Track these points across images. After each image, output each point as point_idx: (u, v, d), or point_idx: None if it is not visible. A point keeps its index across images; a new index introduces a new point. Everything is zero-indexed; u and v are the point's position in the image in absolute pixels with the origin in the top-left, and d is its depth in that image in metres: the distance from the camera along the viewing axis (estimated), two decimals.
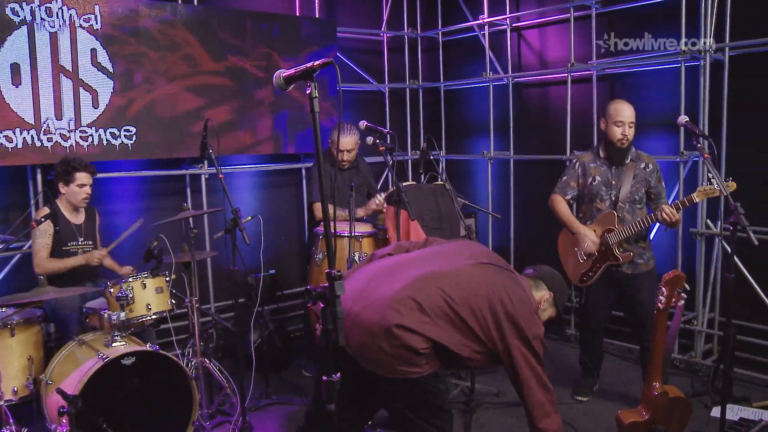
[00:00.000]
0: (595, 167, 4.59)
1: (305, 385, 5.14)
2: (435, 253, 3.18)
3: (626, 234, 4.41)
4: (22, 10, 4.73)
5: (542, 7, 6.38)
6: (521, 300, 2.89)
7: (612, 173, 4.53)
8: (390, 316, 2.72)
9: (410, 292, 2.79)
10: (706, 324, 5.28)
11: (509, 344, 2.81)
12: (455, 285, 2.85)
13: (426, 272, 2.91)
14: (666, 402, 3.24)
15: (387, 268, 3.04)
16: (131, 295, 4.14)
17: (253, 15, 5.90)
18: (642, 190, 4.49)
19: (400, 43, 7.32)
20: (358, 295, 2.85)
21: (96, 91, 5.12)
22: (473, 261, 3.03)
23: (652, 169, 4.50)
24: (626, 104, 4.43)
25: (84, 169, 4.54)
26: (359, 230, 4.79)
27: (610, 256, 4.48)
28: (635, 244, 4.51)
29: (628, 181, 4.47)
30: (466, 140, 7.31)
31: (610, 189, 4.52)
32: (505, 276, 3.01)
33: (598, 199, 4.56)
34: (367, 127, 4.56)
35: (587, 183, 4.60)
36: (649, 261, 4.56)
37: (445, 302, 2.79)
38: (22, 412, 4.22)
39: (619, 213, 4.46)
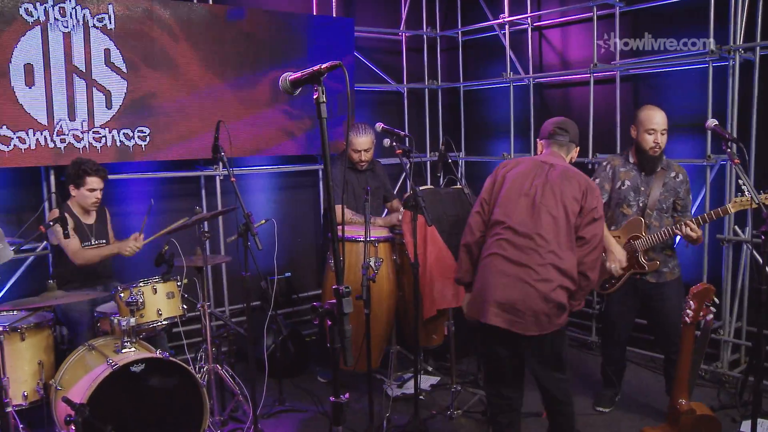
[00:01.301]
0: (625, 171, 4.44)
1: (320, 391, 5.06)
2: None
3: (653, 242, 4.28)
4: (35, 10, 4.69)
5: (564, 5, 6.24)
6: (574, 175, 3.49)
7: (641, 179, 4.39)
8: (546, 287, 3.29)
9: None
10: (733, 333, 5.12)
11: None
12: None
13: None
14: (693, 420, 3.11)
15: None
16: (141, 300, 4.08)
17: (270, 14, 5.82)
18: (670, 199, 4.36)
19: (419, 43, 7.21)
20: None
21: (109, 91, 5.06)
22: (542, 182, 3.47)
23: (682, 180, 4.37)
24: (658, 111, 4.28)
25: (95, 173, 4.49)
26: (375, 234, 4.70)
27: (636, 264, 4.34)
28: (661, 252, 4.37)
29: (658, 188, 4.33)
30: (486, 141, 7.19)
31: (639, 195, 4.38)
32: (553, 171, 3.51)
33: (625, 204, 4.42)
34: (384, 129, 4.45)
35: (615, 187, 4.46)
36: (674, 269, 4.42)
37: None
38: (32, 417, 4.18)
39: (646, 220, 4.33)
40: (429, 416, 4.53)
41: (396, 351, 5.18)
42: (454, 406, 4.58)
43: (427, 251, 4.57)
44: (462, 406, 4.64)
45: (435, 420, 4.52)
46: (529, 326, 3.31)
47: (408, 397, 4.78)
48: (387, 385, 4.93)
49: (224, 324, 4.96)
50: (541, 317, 3.30)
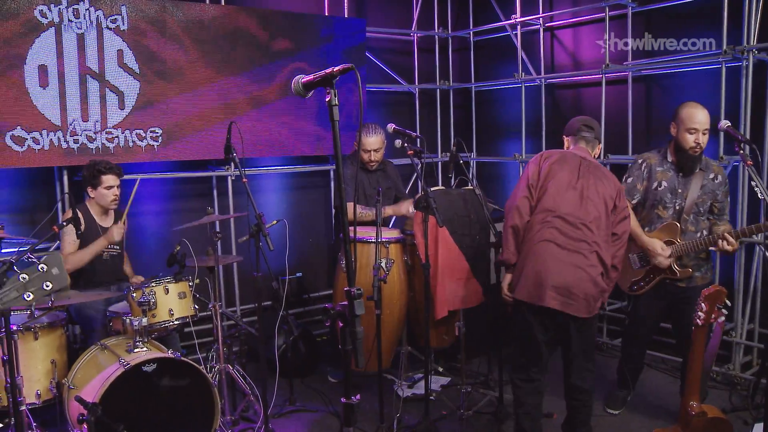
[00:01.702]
0: (662, 171, 4.28)
1: (330, 391, 5.07)
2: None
3: (687, 250, 4.17)
4: (50, 12, 4.72)
5: (576, 6, 6.22)
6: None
7: (679, 180, 4.24)
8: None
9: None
10: (745, 335, 5.09)
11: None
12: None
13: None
14: (704, 423, 3.10)
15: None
16: (153, 300, 4.10)
17: (283, 14, 5.83)
18: (708, 202, 4.22)
19: (431, 44, 7.21)
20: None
21: (122, 92, 5.10)
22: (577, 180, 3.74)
23: (721, 182, 4.21)
24: (700, 108, 4.09)
25: (110, 171, 4.52)
26: (386, 236, 4.70)
27: (667, 269, 4.25)
28: (695, 258, 4.25)
29: (695, 191, 4.18)
30: (498, 142, 7.18)
31: (676, 197, 4.24)
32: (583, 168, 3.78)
33: (661, 206, 4.28)
34: (396, 130, 4.46)
35: (651, 187, 4.30)
36: (706, 274, 4.30)
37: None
38: (46, 416, 4.22)
39: (682, 225, 4.21)
40: (439, 417, 4.53)
41: (407, 351, 5.18)
42: (464, 406, 4.57)
43: (438, 252, 4.57)
44: (472, 406, 4.64)
45: (445, 420, 4.52)
46: (581, 308, 3.58)
47: (418, 397, 4.78)
48: (397, 385, 4.94)
49: (235, 324, 4.99)
50: (590, 300, 3.60)
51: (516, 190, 3.86)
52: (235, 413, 4.49)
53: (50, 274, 2.30)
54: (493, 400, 4.70)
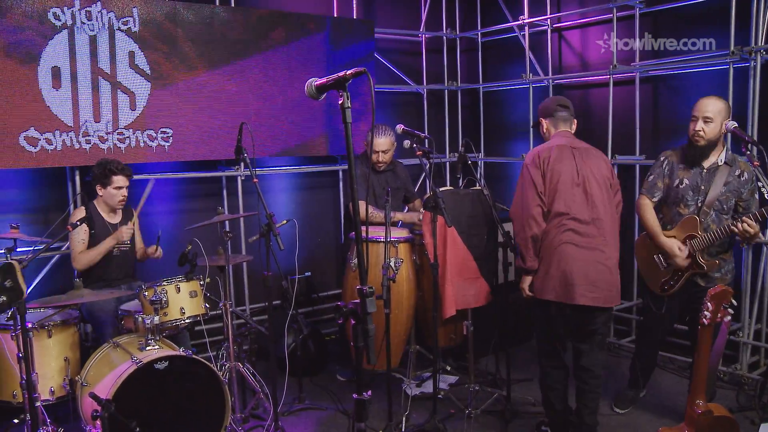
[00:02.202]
0: (684, 168, 4.23)
1: (339, 389, 5.11)
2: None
3: (710, 241, 4.08)
4: (63, 14, 4.78)
5: (584, 7, 6.24)
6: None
7: (702, 177, 4.15)
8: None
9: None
10: (753, 336, 5.10)
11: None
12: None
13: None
14: (710, 421, 3.12)
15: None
16: (165, 299, 4.14)
17: (292, 16, 5.88)
18: (732, 200, 4.11)
19: (439, 44, 7.24)
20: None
21: (133, 93, 5.15)
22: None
23: (746, 179, 4.08)
24: (709, 98, 4.09)
25: (121, 172, 4.57)
26: (395, 235, 4.74)
27: (694, 264, 4.18)
28: (717, 256, 4.21)
29: (718, 187, 4.09)
30: (505, 142, 7.21)
31: (698, 194, 4.17)
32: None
33: (683, 203, 4.23)
34: (404, 130, 4.50)
35: (672, 184, 4.27)
36: (726, 275, 4.23)
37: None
38: (59, 412, 4.28)
39: (702, 218, 4.13)
40: (447, 415, 4.57)
41: (415, 350, 5.22)
42: (472, 405, 4.61)
43: (446, 252, 4.60)
44: (480, 405, 4.67)
45: (453, 419, 4.55)
46: (607, 299, 3.84)
47: (427, 396, 4.81)
48: (406, 384, 4.97)
49: (245, 323, 5.03)
50: (613, 290, 3.86)
51: (524, 198, 3.95)
52: (245, 411, 4.53)
53: (2, 287, 2.03)
54: (500, 398, 4.73)
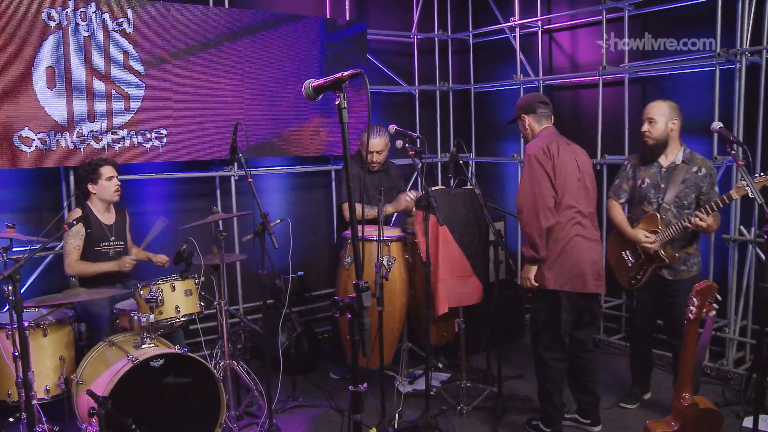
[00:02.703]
0: (645, 169, 4.47)
1: (332, 387, 5.16)
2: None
3: (670, 235, 4.30)
4: (57, 14, 4.81)
5: (574, 9, 6.32)
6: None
7: (661, 176, 4.40)
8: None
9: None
10: (738, 332, 5.18)
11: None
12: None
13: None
14: (696, 413, 3.19)
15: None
16: (161, 298, 4.18)
17: (285, 17, 5.92)
18: (692, 195, 4.33)
19: (431, 45, 7.30)
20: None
21: (128, 93, 5.19)
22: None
23: (705, 174, 4.32)
24: (655, 101, 4.42)
25: (105, 162, 4.64)
26: (388, 234, 4.79)
27: (657, 258, 4.39)
28: (681, 250, 4.39)
29: (676, 184, 4.33)
30: (496, 143, 7.27)
31: (659, 192, 4.40)
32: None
33: (646, 201, 4.45)
34: (397, 131, 4.56)
35: (636, 184, 4.50)
36: (692, 268, 4.42)
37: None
38: (54, 411, 4.30)
39: (663, 215, 4.34)
40: (439, 412, 4.63)
41: (407, 348, 5.27)
42: (464, 401, 4.68)
43: (438, 250, 4.65)
44: (472, 401, 4.73)
45: (445, 415, 4.61)
46: (604, 286, 4.16)
47: (419, 393, 4.87)
48: (398, 381, 5.03)
49: (239, 321, 5.07)
50: (604, 278, 4.15)
51: (538, 189, 3.98)
52: (240, 408, 4.58)
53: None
54: (492, 394, 4.79)
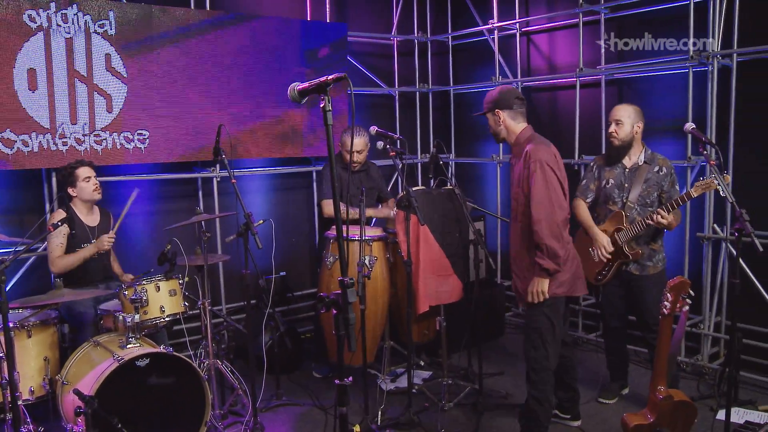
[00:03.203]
0: (609, 170, 4.63)
1: (315, 386, 5.21)
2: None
3: (634, 232, 4.45)
4: (38, 16, 4.82)
5: (551, 11, 6.43)
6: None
7: (625, 176, 4.56)
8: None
9: None
10: (713, 328, 5.31)
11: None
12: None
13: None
14: (671, 405, 3.29)
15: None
16: (145, 298, 4.21)
17: (266, 19, 5.97)
18: (654, 193, 4.50)
19: (411, 47, 7.38)
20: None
21: (110, 95, 5.21)
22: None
23: (665, 173, 4.49)
24: (621, 105, 4.55)
25: (81, 164, 4.67)
26: (370, 234, 4.86)
27: (621, 254, 4.52)
28: (646, 246, 4.54)
29: (639, 183, 4.49)
30: (476, 143, 7.36)
31: (622, 192, 4.56)
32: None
33: (611, 201, 4.60)
34: (378, 132, 4.63)
35: (601, 185, 4.65)
36: (657, 264, 4.57)
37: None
38: (37, 412, 4.31)
39: (627, 213, 4.50)
40: (422, 409, 4.69)
41: (389, 346, 5.34)
42: (446, 398, 4.75)
43: (419, 249, 4.73)
44: (453, 398, 4.81)
45: (427, 412, 4.67)
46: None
47: (401, 390, 4.94)
48: (381, 379, 5.09)
49: (223, 321, 5.10)
50: None
51: (556, 199, 3.66)
52: (224, 407, 4.61)
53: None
54: (473, 391, 4.87)
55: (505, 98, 3.89)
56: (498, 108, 3.90)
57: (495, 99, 3.91)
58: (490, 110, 3.92)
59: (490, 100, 3.92)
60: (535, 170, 3.66)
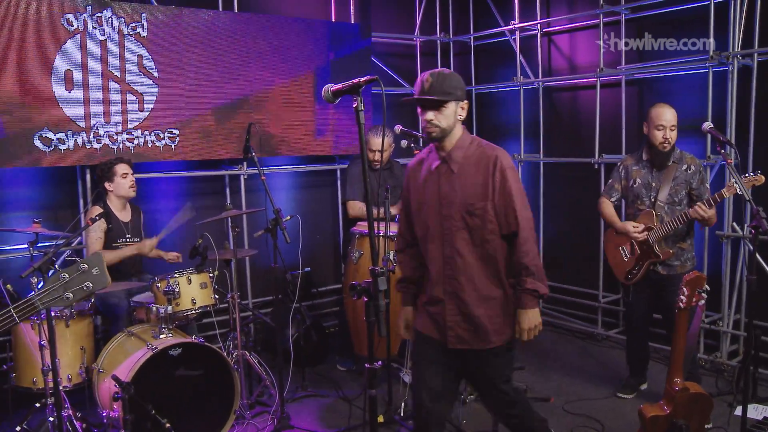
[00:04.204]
0: (637, 170, 4.66)
1: (340, 378, 5.33)
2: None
3: (665, 231, 4.48)
4: (75, 20, 5.00)
5: (572, 12, 6.50)
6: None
7: (653, 175, 4.58)
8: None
9: None
10: (732, 325, 5.36)
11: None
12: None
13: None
14: (687, 397, 3.37)
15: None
16: (178, 290, 4.37)
17: (293, 21, 6.11)
18: (683, 191, 4.52)
19: (433, 48, 7.48)
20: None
21: (142, 94, 5.37)
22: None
23: (694, 171, 4.51)
24: (667, 108, 4.48)
25: (119, 161, 4.82)
26: (394, 230, 4.96)
27: (651, 253, 4.57)
28: (674, 245, 4.56)
29: (668, 183, 4.52)
30: (497, 142, 7.18)
31: (650, 191, 4.59)
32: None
33: (639, 201, 4.64)
34: (402, 131, 4.75)
35: (629, 185, 4.69)
36: (686, 263, 4.59)
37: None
38: (73, 399, 4.47)
39: (657, 212, 4.52)
40: None
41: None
42: (466, 391, 4.84)
43: None
44: (474, 391, 4.90)
45: None
46: None
47: None
48: (404, 372, 5.20)
49: (251, 314, 5.25)
50: None
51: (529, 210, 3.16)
52: (252, 397, 4.76)
53: (90, 274, 2.26)
54: None
55: (464, 89, 3.11)
56: (459, 99, 3.06)
57: (461, 87, 3.08)
58: (459, 99, 3.05)
59: (459, 87, 3.05)
60: (512, 180, 3.06)
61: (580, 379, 5.20)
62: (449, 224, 3.03)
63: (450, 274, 3.05)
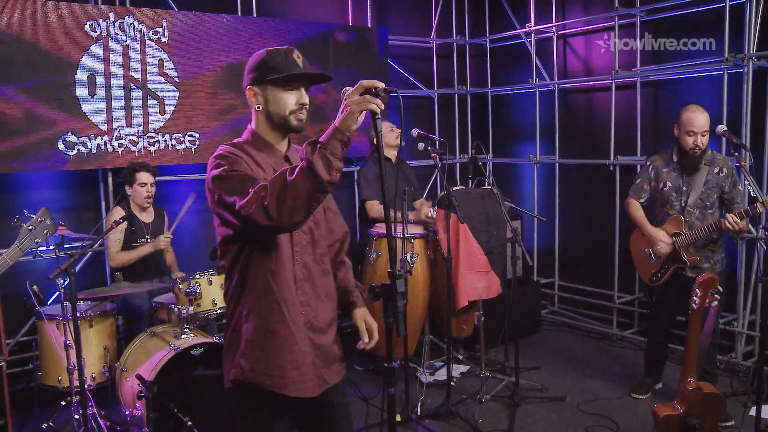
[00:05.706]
0: (667, 172, 4.59)
1: (357, 378, 5.39)
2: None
3: (693, 238, 4.43)
4: (98, 26, 5.11)
5: (588, 15, 6.53)
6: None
7: (683, 179, 4.51)
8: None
9: None
10: (747, 326, 5.37)
11: None
12: None
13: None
14: (700, 397, 3.41)
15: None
16: (199, 291, 4.44)
17: (312, 25, 6.19)
18: (714, 195, 4.45)
19: (449, 50, 7.54)
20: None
21: (162, 99, 5.47)
22: None
23: (726, 174, 4.43)
24: (699, 112, 4.35)
25: (144, 168, 4.90)
26: (411, 232, 5.04)
27: (678, 259, 4.53)
28: (704, 248, 4.52)
29: (699, 186, 4.44)
30: (513, 144, 7.49)
31: (681, 195, 4.52)
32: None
33: (669, 205, 4.57)
34: (419, 134, 4.81)
35: (659, 187, 4.62)
36: (715, 265, 4.54)
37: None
38: (96, 398, 4.57)
39: (687, 218, 4.48)
40: (459, 400, 4.85)
41: (429, 340, 5.51)
42: (483, 391, 4.90)
43: (459, 247, 4.89)
44: (490, 391, 4.96)
45: (465, 403, 4.83)
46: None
47: (440, 383, 5.10)
48: (420, 372, 5.27)
49: None
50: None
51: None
52: None
53: (45, 224, 3.39)
54: (510, 385, 5.02)
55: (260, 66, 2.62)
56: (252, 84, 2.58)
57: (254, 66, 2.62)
58: (261, 86, 2.61)
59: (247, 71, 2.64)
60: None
61: (595, 378, 5.24)
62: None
63: None
